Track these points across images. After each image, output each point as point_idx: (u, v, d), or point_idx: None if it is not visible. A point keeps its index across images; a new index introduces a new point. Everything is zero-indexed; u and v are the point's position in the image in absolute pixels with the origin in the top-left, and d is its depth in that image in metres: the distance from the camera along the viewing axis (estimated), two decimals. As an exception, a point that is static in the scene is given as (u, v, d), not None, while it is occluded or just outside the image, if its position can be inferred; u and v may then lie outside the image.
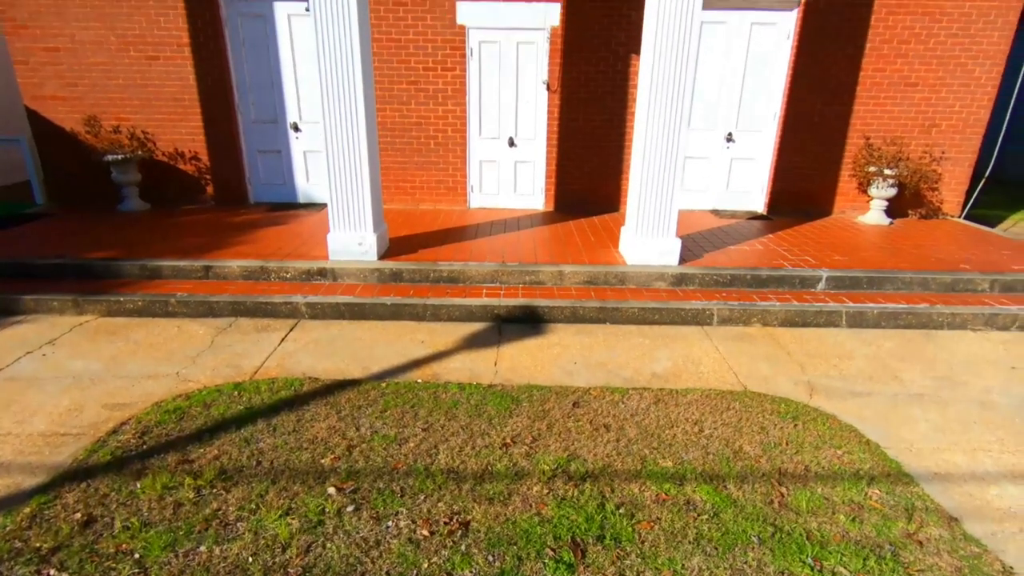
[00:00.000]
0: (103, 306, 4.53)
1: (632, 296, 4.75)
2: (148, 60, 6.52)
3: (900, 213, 7.06)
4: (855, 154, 6.84)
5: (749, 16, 6.49)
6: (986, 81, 6.55)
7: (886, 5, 6.31)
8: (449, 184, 7.05)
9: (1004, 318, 4.57)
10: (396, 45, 6.48)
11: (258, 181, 7.17)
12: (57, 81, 6.57)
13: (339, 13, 4.48)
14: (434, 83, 6.63)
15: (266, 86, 6.77)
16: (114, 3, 6.32)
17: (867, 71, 6.55)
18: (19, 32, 6.40)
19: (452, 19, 6.39)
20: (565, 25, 6.42)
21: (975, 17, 6.32)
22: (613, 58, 6.55)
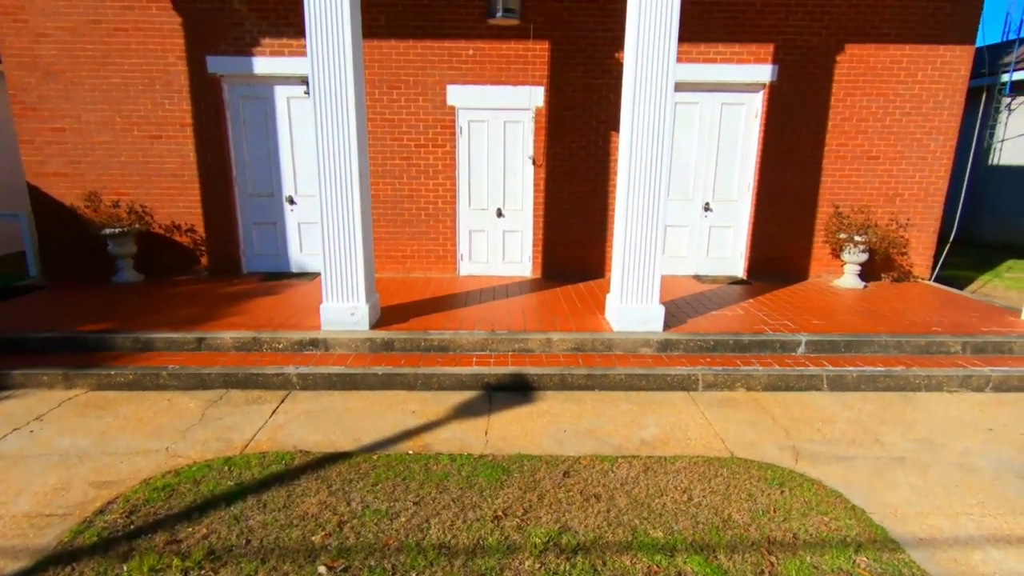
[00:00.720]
0: (93, 380, 4.54)
1: (619, 362, 4.85)
2: (151, 139, 6.82)
3: (873, 276, 7.35)
4: (826, 222, 7.20)
5: (720, 97, 6.99)
6: (941, 155, 7.03)
7: (843, 88, 6.85)
8: (439, 253, 7.26)
9: (978, 379, 4.72)
10: (390, 124, 6.86)
11: (252, 252, 7.33)
12: (61, 159, 6.82)
13: (337, 96, 4.79)
14: (426, 159, 6.97)
15: (264, 162, 7.07)
16: (122, 87, 6.67)
17: (831, 146, 7.01)
18: (27, 114, 6.70)
19: (443, 100, 6.81)
20: (549, 105, 6.86)
21: (925, 98, 6.87)
22: (594, 135, 6.96)
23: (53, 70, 6.59)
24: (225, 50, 6.61)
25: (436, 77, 6.74)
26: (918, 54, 6.74)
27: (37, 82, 6.61)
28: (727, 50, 6.73)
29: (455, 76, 6.74)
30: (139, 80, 6.65)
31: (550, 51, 6.70)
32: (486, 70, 6.73)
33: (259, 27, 6.57)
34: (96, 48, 6.55)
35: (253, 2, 6.50)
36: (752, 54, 6.75)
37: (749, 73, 6.77)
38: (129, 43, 6.55)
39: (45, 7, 6.41)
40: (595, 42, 6.68)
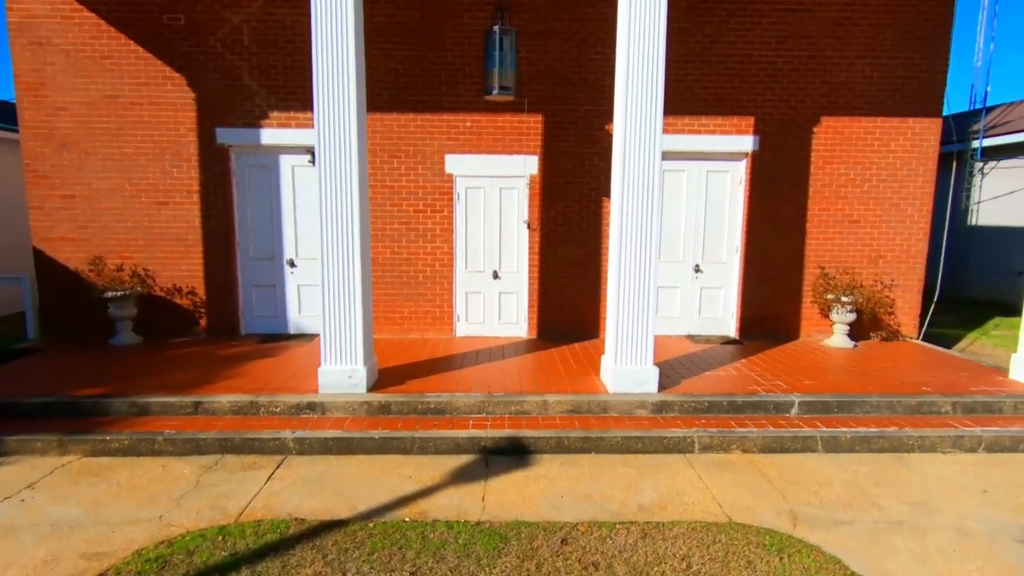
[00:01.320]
0: (88, 446, 4.51)
1: (615, 425, 4.88)
2: (158, 205, 7.04)
3: (862, 336, 7.49)
4: (813, 282, 7.40)
5: (705, 165, 7.34)
6: (919, 218, 7.33)
7: (822, 156, 7.22)
8: (436, 314, 7.37)
9: (970, 440, 4.76)
10: (390, 191, 7.13)
11: (251, 313, 7.42)
12: (69, 224, 7.01)
13: (341, 165, 5.02)
14: (424, 223, 7.21)
15: (266, 227, 7.28)
16: (133, 157, 6.95)
17: (814, 210, 7.31)
18: (39, 182, 6.94)
19: (441, 168, 7.12)
20: (542, 173, 7.17)
21: (899, 166, 7.24)
22: (586, 200, 7.25)
23: (68, 141, 6.88)
24: (234, 122, 6.95)
25: (435, 147, 7.08)
26: (890, 126, 7.16)
27: (51, 152, 6.89)
28: (710, 122, 7.13)
29: (453, 146, 7.08)
30: (150, 150, 6.95)
31: (543, 123, 7.08)
32: (483, 140, 7.08)
33: (268, 101, 6.94)
34: (111, 121, 6.88)
35: (263, 78, 6.90)
36: (734, 126, 7.15)
37: (732, 143, 7.15)
38: (143, 116, 6.89)
39: (66, 84, 6.78)
40: (585, 115, 7.07)
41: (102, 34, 6.74)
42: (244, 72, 6.87)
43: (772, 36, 7.00)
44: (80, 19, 6.71)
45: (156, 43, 6.77)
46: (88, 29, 6.72)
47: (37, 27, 6.70)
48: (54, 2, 6.67)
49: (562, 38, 6.92)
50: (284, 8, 6.76)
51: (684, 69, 7.00)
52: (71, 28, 6.71)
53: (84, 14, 6.71)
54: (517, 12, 6.78)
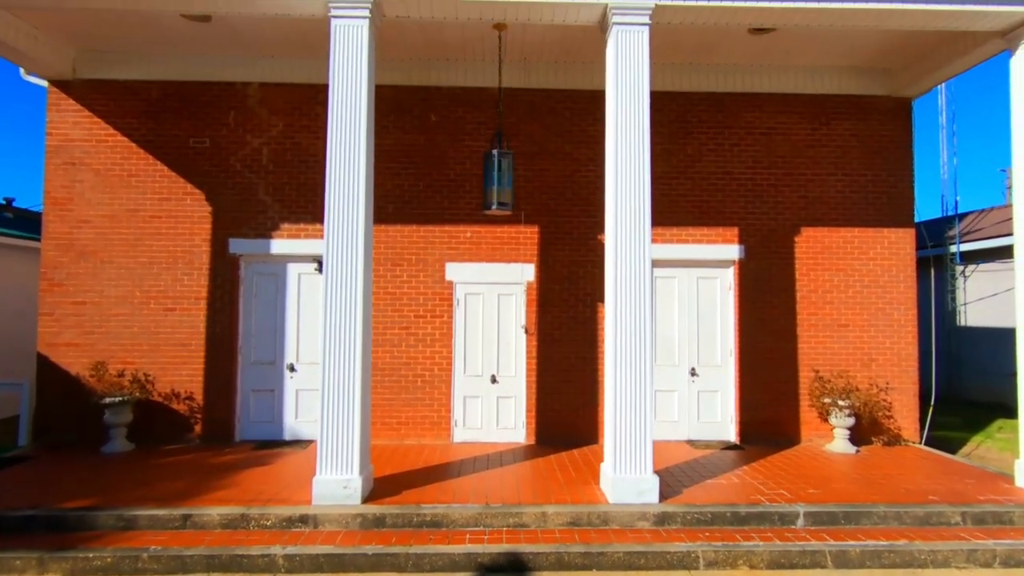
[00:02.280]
0: (69, 563, 4.33)
1: (616, 538, 4.73)
2: (166, 311, 7.24)
3: (864, 440, 7.41)
4: (809, 386, 7.45)
5: (695, 272, 7.66)
6: (905, 322, 7.54)
7: (806, 263, 7.57)
8: (434, 419, 7.33)
9: (984, 554, 4.60)
10: (392, 297, 7.38)
11: (247, 419, 7.37)
12: (76, 330, 7.16)
13: (347, 274, 5.25)
14: (424, 328, 7.38)
15: (269, 332, 7.44)
16: (147, 265, 7.26)
17: (803, 315, 7.54)
18: (53, 289, 7.19)
19: (442, 276, 7.41)
20: (539, 280, 7.46)
21: (880, 272, 7.57)
22: (582, 306, 7.48)
23: (87, 251, 7.22)
24: (247, 233, 7.34)
25: (436, 255, 7.43)
26: (866, 236, 7.58)
27: (69, 261, 7.21)
28: (697, 232, 7.55)
29: (454, 255, 7.43)
30: (164, 259, 7.27)
31: (539, 234, 7.49)
32: (482, 250, 7.44)
33: (280, 214, 7.38)
34: (130, 232, 7.26)
35: (277, 194, 7.39)
36: (719, 235, 7.56)
37: (718, 252, 7.52)
38: (161, 228, 7.28)
39: (92, 199, 7.24)
40: (579, 226, 7.50)
41: (132, 155, 7.31)
42: (260, 188, 7.37)
43: (749, 156, 7.61)
44: (113, 142, 7.31)
45: (181, 163, 7.33)
46: (119, 151, 7.30)
47: (72, 149, 7.28)
48: (91, 128, 7.31)
49: (555, 158, 7.52)
50: (302, 133, 7.40)
51: (670, 184, 7.54)
52: (103, 150, 7.29)
53: (117, 138, 7.32)
54: (514, 136, 7.41)
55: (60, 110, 7.26)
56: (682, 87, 7.57)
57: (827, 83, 7.63)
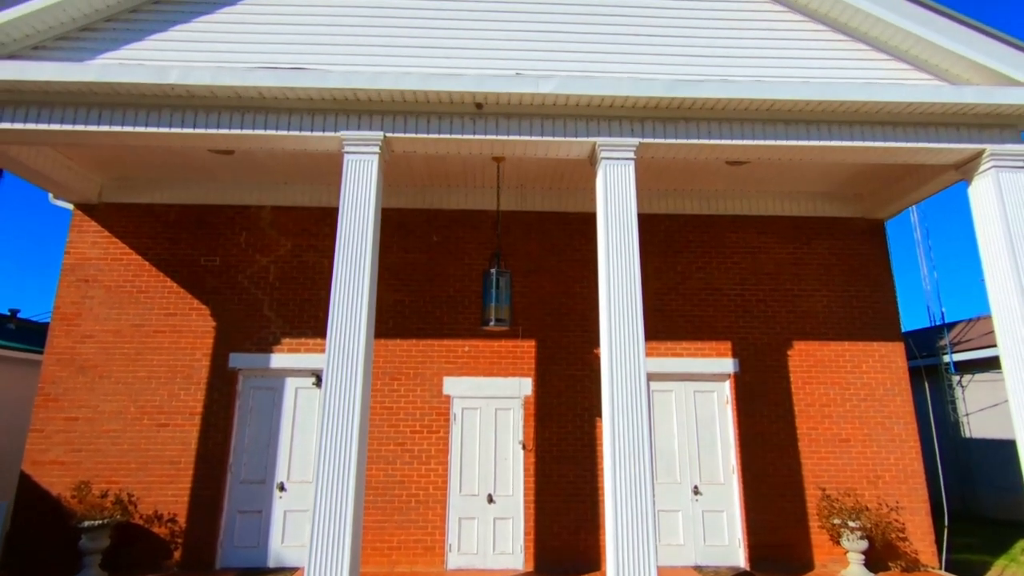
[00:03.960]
0: None
1: None
2: (158, 427, 7.15)
3: (881, 566, 7.02)
4: (817, 505, 7.21)
5: (691, 386, 7.71)
6: (907, 437, 7.47)
7: (800, 377, 7.64)
8: (427, 543, 6.97)
9: None
10: (388, 412, 7.33)
11: (231, 543, 7.00)
12: (64, 447, 7.02)
13: (346, 388, 5.25)
14: (420, 444, 7.26)
15: (262, 448, 7.29)
16: (145, 380, 7.28)
17: (802, 429, 7.47)
18: (48, 404, 7.14)
19: (439, 390, 7.43)
20: (536, 394, 7.47)
21: (875, 386, 7.63)
22: (580, 420, 7.43)
23: (87, 366, 7.27)
24: (248, 348, 7.45)
25: (434, 369, 7.49)
26: (857, 349, 7.74)
27: (68, 376, 7.23)
28: (691, 346, 7.70)
29: (451, 369, 7.50)
30: (163, 374, 7.31)
31: (536, 348, 7.62)
32: (480, 364, 7.53)
33: (283, 329, 7.54)
34: (132, 347, 7.37)
35: (281, 309, 7.60)
36: (713, 349, 7.70)
37: (713, 366, 7.62)
38: (163, 343, 7.40)
39: (100, 314, 7.43)
40: (575, 340, 7.66)
41: (144, 272, 7.61)
42: (265, 304, 7.59)
43: (736, 273, 7.97)
44: (127, 261, 7.64)
45: (190, 280, 7.61)
46: (132, 268, 7.61)
47: (87, 267, 7.59)
48: (108, 247, 7.67)
49: (551, 275, 7.85)
50: (309, 252, 7.77)
51: (662, 300, 7.81)
52: (117, 268, 7.61)
53: (131, 257, 7.66)
54: (512, 254, 7.80)
55: (81, 231, 7.67)
56: (669, 210, 8.11)
57: (804, 206, 8.19)
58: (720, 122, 5.88)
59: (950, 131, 5.92)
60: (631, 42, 6.00)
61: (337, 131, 5.71)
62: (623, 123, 5.87)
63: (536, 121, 5.82)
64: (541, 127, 5.82)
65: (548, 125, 5.83)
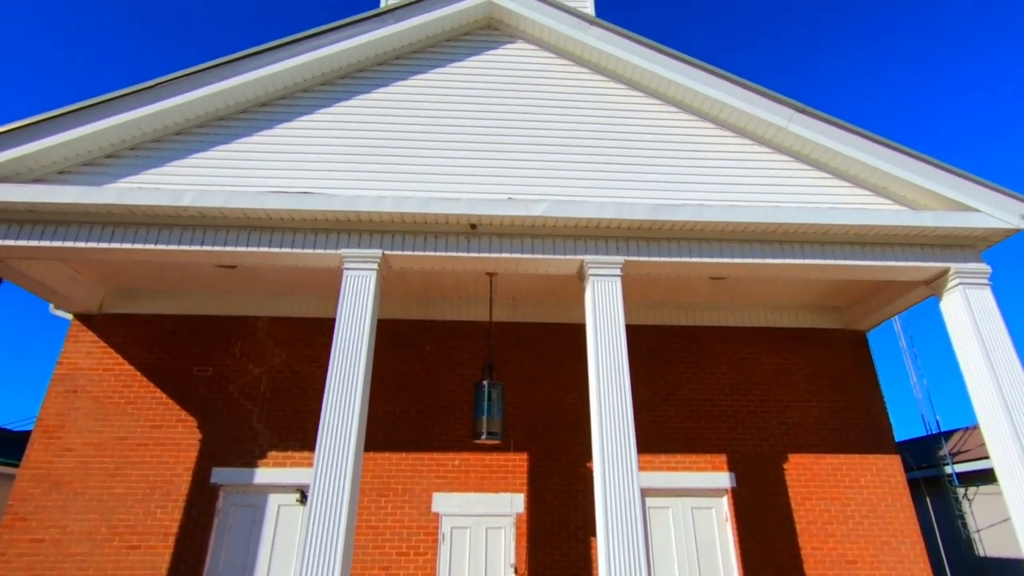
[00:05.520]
0: None
1: None
2: (129, 549, 6.75)
3: None
4: (830, 636, 6.74)
5: (688, 502, 7.47)
6: (916, 557, 7.15)
7: (799, 492, 7.46)
8: None
9: None
10: (374, 532, 7.00)
11: None
12: (25, 573, 6.56)
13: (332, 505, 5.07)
14: (406, 568, 6.85)
15: (237, 570, 6.84)
16: (121, 497, 6.98)
17: (807, 549, 7.16)
18: (15, 524, 6.78)
19: (428, 507, 7.15)
20: (529, 511, 7.20)
21: (876, 502, 7.43)
22: (574, 540, 7.10)
23: (62, 481, 7.00)
24: (232, 462, 7.25)
25: (424, 485, 7.26)
26: (853, 462, 7.63)
27: (41, 493, 6.94)
28: (686, 459, 7.57)
29: (441, 484, 7.27)
30: (141, 490, 7.03)
31: (529, 461, 7.46)
32: (470, 478, 7.32)
33: (270, 442, 7.39)
34: (112, 461, 7.15)
35: (269, 420, 7.50)
36: (708, 463, 7.57)
37: (709, 480, 7.45)
38: (145, 457, 7.19)
39: (83, 427, 7.28)
40: (568, 453, 7.53)
41: (134, 383, 7.57)
42: (254, 416, 7.50)
43: (726, 383, 8.04)
44: (119, 371, 7.63)
45: (181, 391, 7.57)
46: (123, 379, 7.58)
47: (77, 377, 7.55)
48: (101, 357, 7.69)
49: (543, 386, 7.88)
50: (302, 363, 7.82)
51: (654, 412, 7.79)
52: (108, 378, 7.57)
53: (124, 367, 7.66)
54: (504, 364, 7.86)
55: (77, 341, 7.73)
56: (657, 321, 8.33)
57: (787, 318, 8.45)
58: (700, 242, 6.26)
59: (915, 251, 6.32)
60: (615, 169, 6.53)
61: (338, 249, 6.01)
62: (609, 242, 6.23)
63: (527, 240, 6.18)
64: (532, 246, 6.16)
65: (539, 244, 6.18)
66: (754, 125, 6.66)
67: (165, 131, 6.28)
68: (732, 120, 6.74)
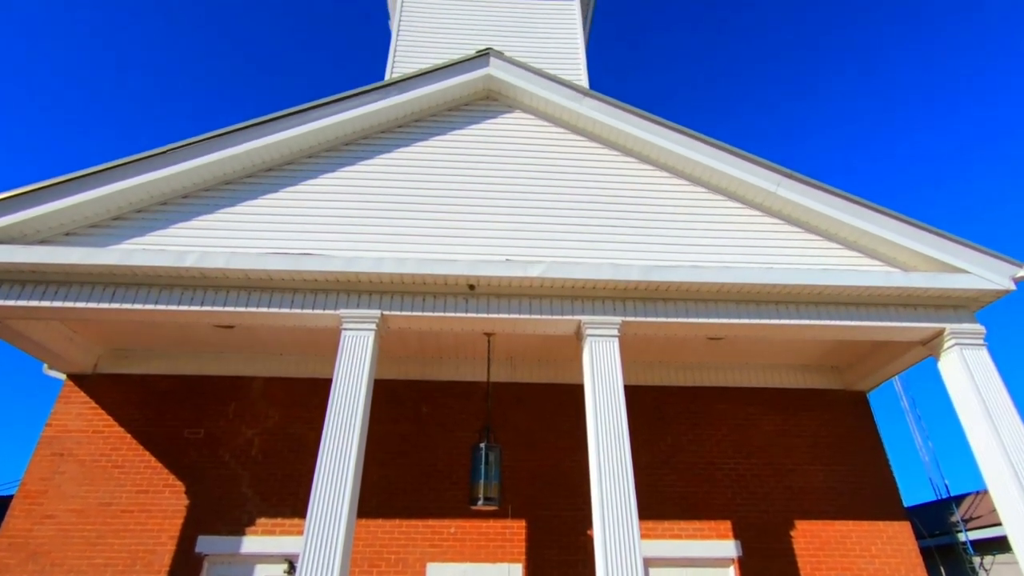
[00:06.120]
0: None
1: None
2: (104, 626, 6.38)
3: None
4: None
5: (695, 573, 7.15)
6: (935, 634, 6.79)
7: (809, 562, 7.15)
8: None
9: None
10: (364, 606, 6.65)
11: None
12: (-9, 653, 6.18)
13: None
14: (397, 646, 6.47)
15: (217, 652, 6.45)
16: (100, 568, 6.67)
17: (820, 625, 6.80)
18: (-14, 598, 6.43)
19: (421, 579, 6.83)
20: (527, 583, 6.88)
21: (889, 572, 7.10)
22: (575, 615, 6.74)
23: (40, 551, 6.71)
24: (219, 530, 6.97)
25: (417, 554, 6.97)
26: (862, 529, 7.38)
27: (17, 564, 6.63)
28: (689, 526, 7.31)
29: (436, 553, 6.98)
30: (122, 560, 6.72)
31: (527, 528, 7.20)
32: (466, 547, 7.03)
33: (259, 508, 7.14)
34: (94, 529, 6.88)
35: (260, 486, 7.27)
36: (713, 530, 7.31)
37: (715, 549, 7.16)
38: (128, 524, 6.93)
39: (67, 492, 7.05)
40: (567, 520, 7.27)
41: (123, 445, 7.40)
42: (244, 480, 7.28)
43: (728, 445, 7.88)
44: (109, 433, 7.47)
45: (170, 454, 7.38)
46: (112, 441, 7.42)
47: (65, 440, 7.38)
48: (92, 419, 7.55)
49: (541, 449, 7.72)
50: (296, 424, 7.68)
51: (655, 475, 7.60)
52: (97, 441, 7.41)
53: (114, 428, 7.51)
54: (501, 426, 7.73)
55: (68, 401, 7.61)
56: (655, 381, 8.27)
57: (786, 378, 8.40)
58: (696, 302, 6.32)
59: (908, 311, 6.38)
60: (611, 232, 6.67)
61: (337, 309, 6.04)
62: (606, 303, 6.29)
63: (525, 301, 6.23)
64: (530, 306, 6.21)
65: (536, 304, 6.23)
66: (744, 189, 6.88)
67: (172, 194, 6.45)
68: (723, 184, 6.97)
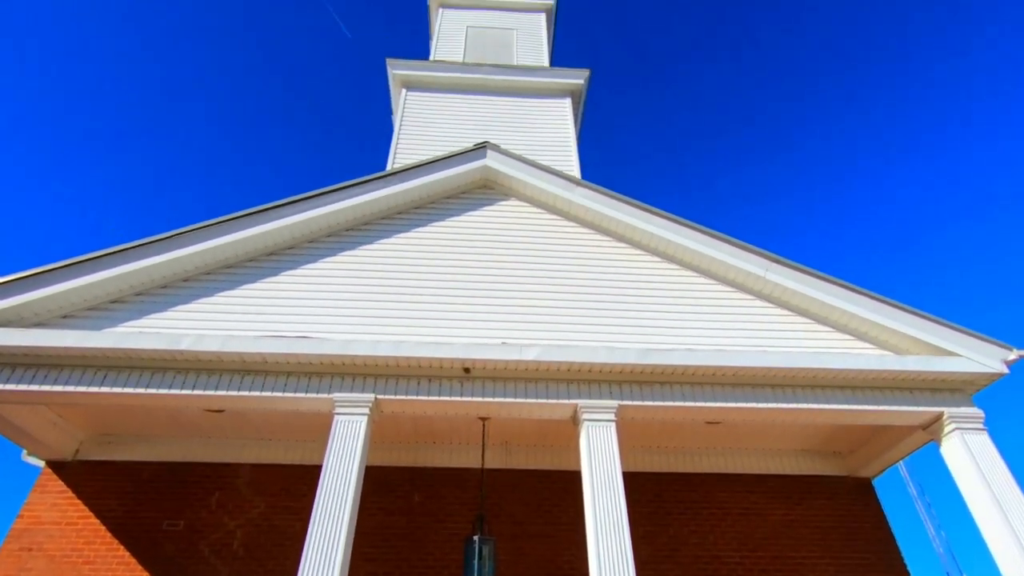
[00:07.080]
0: None
1: None
2: None
3: None
4: None
5: None
6: None
7: (826, 669, 6.66)
8: None
9: None
10: None
11: None
12: None
13: None
14: None
15: None
16: None
17: None
18: None
19: None
20: None
21: None
22: None
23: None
24: (191, 634, 6.47)
25: (405, 662, 6.44)
26: (881, 631, 6.92)
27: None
28: (696, 629, 6.84)
29: (425, 661, 6.46)
30: (82, 671, 6.17)
31: (523, 632, 6.71)
32: (458, 654, 6.52)
33: (236, 609, 6.66)
34: (56, 634, 6.36)
35: (239, 583, 6.83)
36: (722, 632, 6.83)
37: (725, 654, 6.67)
38: (95, 628, 6.43)
39: (31, 591, 6.59)
40: (567, 622, 6.80)
41: (96, 539, 7.00)
42: (222, 578, 6.86)
43: (732, 537, 7.54)
44: (83, 525, 7.10)
45: (146, 549, 6.98)
46: (85, 535, 7.03)
47: (36, 533, 6.99)
48: (67, 509, 7.20)
49: (537, 541, 7.35)
50: (281, 515, 7.33)
51: (657, 570, 7.20)
52: (69, 534, 7.02)
53: (89, 520, 7.14)
54: (496, 516, 7.41)
55: (44, 491, 7.28)
56: (655, 468, 8.03)
57: (788, 464, 8.19)
58: (692, 386, 6.29)
59: (904, 395, 6.35)
60: (605, 315, 6.75)
61: (331, 393, 5.97)
62: (602, 386, 6.25)
63: (521, 385, 6.19)
64: (525, 390, 6.16)
65: (532, 388, 6.18)
66: (734, 274, 7.05)
67: (174, 278, 6.55)
68: (714, 269, 7.15)
